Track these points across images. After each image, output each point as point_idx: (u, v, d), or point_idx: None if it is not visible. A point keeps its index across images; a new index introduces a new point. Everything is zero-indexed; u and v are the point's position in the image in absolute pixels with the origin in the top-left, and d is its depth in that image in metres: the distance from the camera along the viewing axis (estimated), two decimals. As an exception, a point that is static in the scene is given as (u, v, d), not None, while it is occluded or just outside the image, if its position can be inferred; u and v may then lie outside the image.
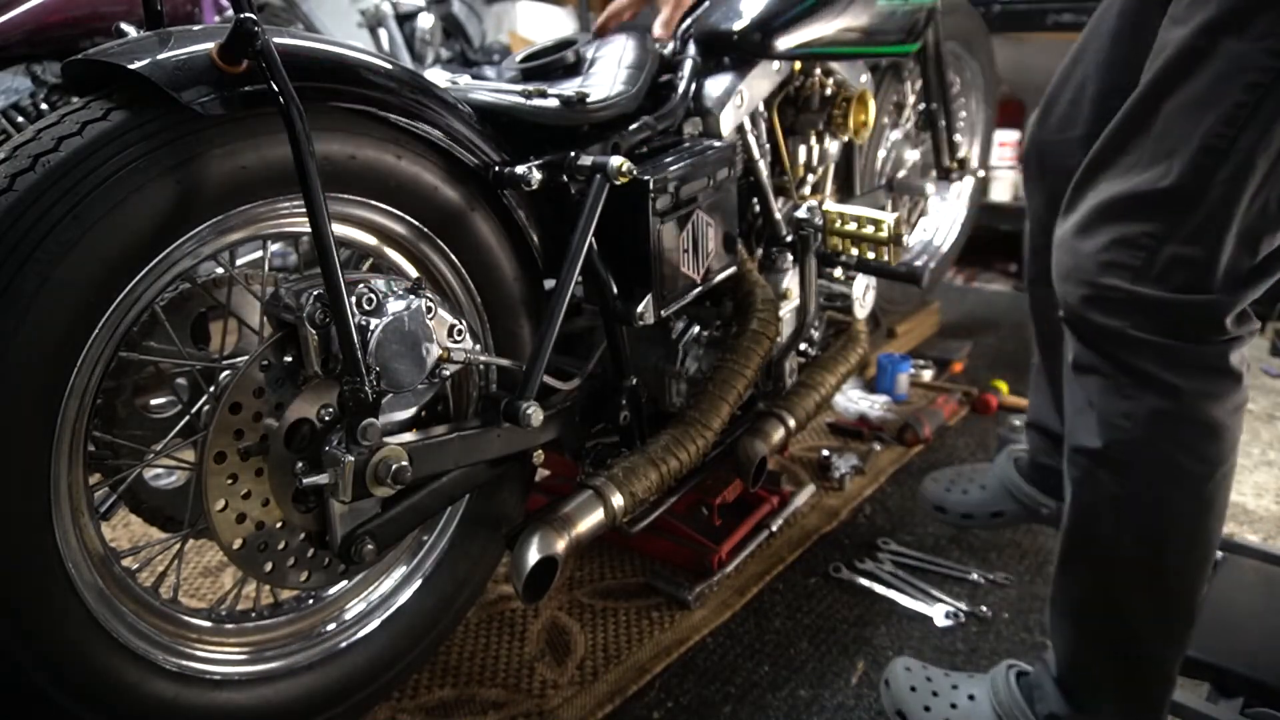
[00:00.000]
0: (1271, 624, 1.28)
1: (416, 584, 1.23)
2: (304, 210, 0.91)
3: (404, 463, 1.03)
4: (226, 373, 1.08)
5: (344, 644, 1.16)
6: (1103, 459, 1.00)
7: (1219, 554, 1.49)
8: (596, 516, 1.22)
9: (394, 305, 1.01)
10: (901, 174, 2.24)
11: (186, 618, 1.04)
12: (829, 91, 1.70)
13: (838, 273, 1.68)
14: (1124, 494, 1.00)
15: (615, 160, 1.14)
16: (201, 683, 1.02)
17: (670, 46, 1.50)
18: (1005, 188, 3.15)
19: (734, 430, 1.51)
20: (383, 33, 3.35)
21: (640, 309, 1.25)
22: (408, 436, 1.07)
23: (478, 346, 1.16)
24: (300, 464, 1.04)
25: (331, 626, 1.17)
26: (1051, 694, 1.12)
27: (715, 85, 1.46)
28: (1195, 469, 0.97)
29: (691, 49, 1.48)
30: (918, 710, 1.19)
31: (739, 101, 1.47)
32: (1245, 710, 1.13)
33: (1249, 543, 1.51)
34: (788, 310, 1.58)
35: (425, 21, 3.38)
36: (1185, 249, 0.91)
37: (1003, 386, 2.25)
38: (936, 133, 2.18)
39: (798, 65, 1.62)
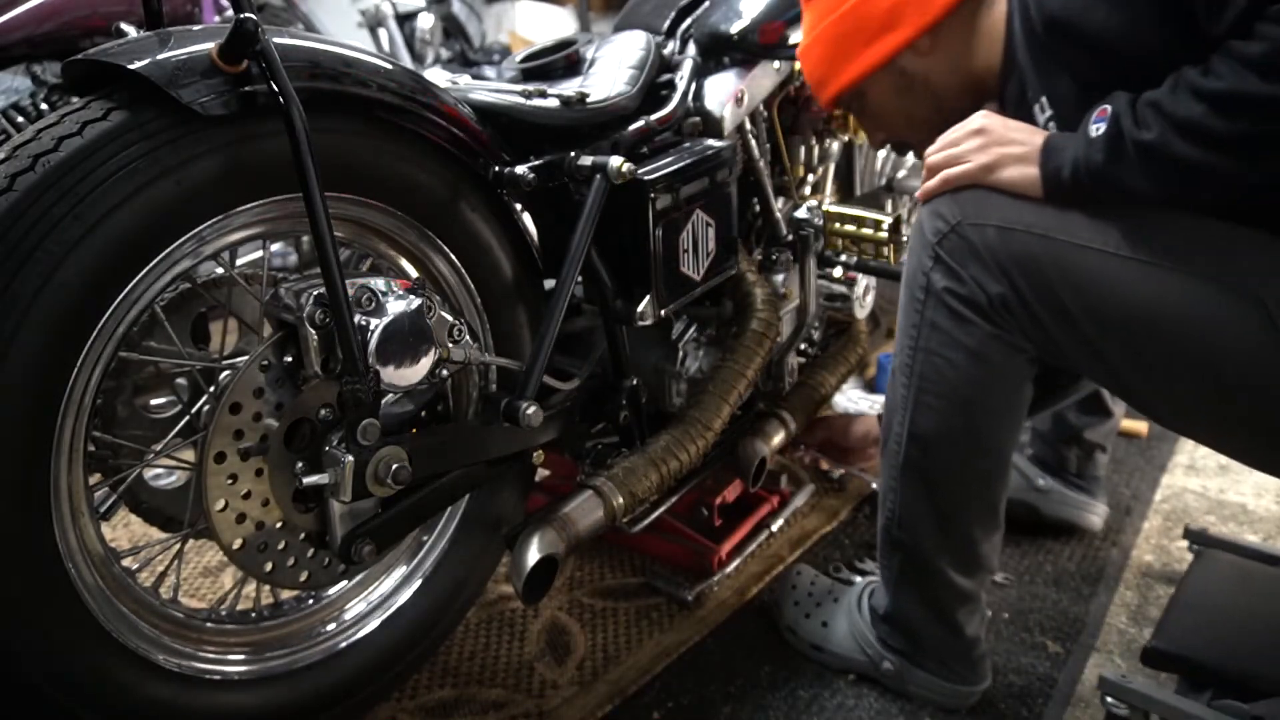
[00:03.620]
0: (1242, 618, 1.28)
1: (416, 584, 1.23)
2: (304, 210, 0.92)
3: (404, 463, 1.03)
4: (226, 373, 1.08)
5: (344, 644, 1.16)
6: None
7: (1195, 548, 1.50)
8: (596, 516, 1.22)
9: (394, 305, 1.01)
10: (901, 174, 2.24)
11: (186, 618, 1.04)
12: (829, 91, 1.70)
13: (838, 273, 1.68)
14: (907, 400, 1.16)
15: (615, 160, 1.14)
16: (201, 683, 1.02)
17: (670, 46, 1.50)
18: (1005, 188, 3.13)
19: (734, 430, 1.51)
20: (383, 33, 3.35)
21: (640, 309, 1.25)
22: (407, 436, 1.07)
23: (477, 346, 1.16)
24: (300, 464, 1.04)
25: (331, 626, 1.17)
26: (877, 587, 1.30)
27: (715, 85, 1.46)
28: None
29: (691, 49, 1.48)
30: (798, 618, 1.38)
31: (739, 101, 1.47)
32: (1212, 702, 1.13)
33: (1225, 537, 1.52)
34: (788, 310, 1.58)
35: (425, 21, 3.38)
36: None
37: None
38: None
39: (798, 65, 1.62)
